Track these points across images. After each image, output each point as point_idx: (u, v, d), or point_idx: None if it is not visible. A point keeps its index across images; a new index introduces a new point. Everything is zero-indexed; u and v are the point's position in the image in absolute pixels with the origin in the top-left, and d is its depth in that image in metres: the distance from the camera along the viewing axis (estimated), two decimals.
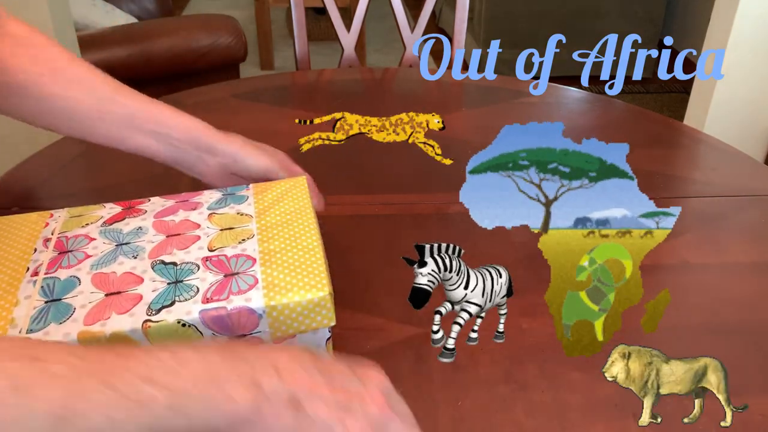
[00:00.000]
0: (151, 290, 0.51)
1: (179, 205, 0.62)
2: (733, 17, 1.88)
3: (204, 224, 0.59)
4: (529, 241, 0.83)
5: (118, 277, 0.53)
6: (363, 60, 3.40)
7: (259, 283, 0.52)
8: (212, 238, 0.57)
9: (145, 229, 0.58)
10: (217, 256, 0.55)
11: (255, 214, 0.61)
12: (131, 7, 2.52)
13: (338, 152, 1.01)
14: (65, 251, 0.56)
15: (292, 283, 0.52)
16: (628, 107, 1.18)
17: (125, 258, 0.55)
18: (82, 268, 0.54)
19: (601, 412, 0.59)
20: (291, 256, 0.55)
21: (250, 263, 0.54)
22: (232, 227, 0.58)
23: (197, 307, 0.49)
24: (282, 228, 0.58)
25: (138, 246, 0.56)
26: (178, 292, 0.51)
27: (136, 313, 0.49)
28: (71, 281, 0.52)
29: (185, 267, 0.53)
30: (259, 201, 0.63)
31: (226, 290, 0.51)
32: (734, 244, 0.82)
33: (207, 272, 0.53)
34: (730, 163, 1.00)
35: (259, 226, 0.59)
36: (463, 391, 0.60)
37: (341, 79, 1.30)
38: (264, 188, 0.65)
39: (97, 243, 0.57)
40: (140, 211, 0.62)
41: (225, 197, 0.63)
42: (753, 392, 0.61)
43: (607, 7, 3.05)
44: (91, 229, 0.59)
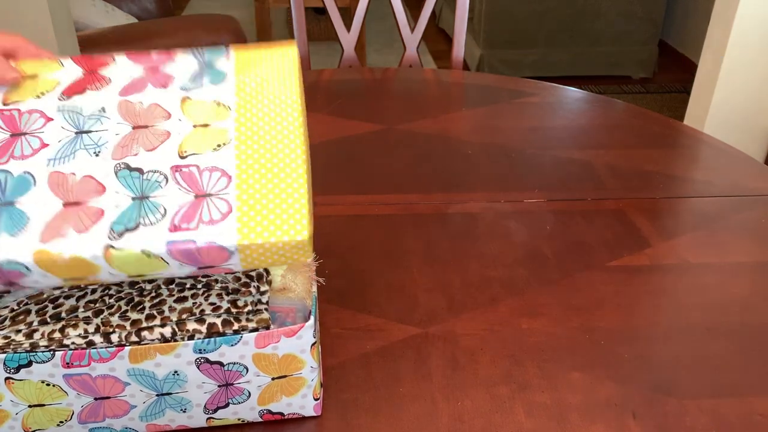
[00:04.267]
0: (114, 205, 0.47)
1: (148, 76, 0.55)
2: (733, 17, 1.88)
3: (175, 114, 0.52)
4: (529, 241, 0.83)
5: (77, 181, 0.48)
6: (363, 60, 3.40)
7: (232, 211, 0.46)
8: (184, 138, 0.51)
9: (109, 112, 0.52)
10: (188, 166, 0.49)
11: (235, 105, 0.53)
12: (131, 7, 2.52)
13: (338, 152, 1.01)
14: (18, 133, 0.51)
15: (269, 219, 0.46)
16: (628, 107, 1.18)
17: (86, 155, 0.49)
18: (38, 161, 0.49)
19: (601, 412, 0.59)
20: (271, 179, 0.48)
21: (225, 182, 0.48)
22: (207, 124, 0.52)
23: (164, 237, 0.45)
24: (264, 134, 0.51)
25: (100, 138, 0.50)
26: (143, 212, 0.46)
27: (97, 234, 0.45)
28: (25, 179, 0.48)
29: (152, 177, 0.48)
30: (241, 83, 0.54)
31: (196, 217, 0.46)
32: (734, 244, 0.82)
33: (176, 188, 0.48)
34: (730, 163, 1.01)
35: (238, 126, 0.51)
36: (463, 391, 0.60)
37: (341, 79, 1.30)
38: (247, 61, 0.56)
39: (54, 125, 0.51)
40: (103, 80, 0.54)
41: (201, 71, 0.55)
42: (753, 392, 0.61)
43: (607, 7, 3.05)
44: (48, 103, 0.52)
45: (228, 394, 0.54)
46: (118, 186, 0.48)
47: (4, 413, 0.52)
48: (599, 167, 0.98)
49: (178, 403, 0.53)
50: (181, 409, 0.54)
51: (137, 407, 0.53)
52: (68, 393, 0.51)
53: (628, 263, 0.78)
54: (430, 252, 0.79)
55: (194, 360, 0.51)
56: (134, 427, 0.55)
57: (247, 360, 0.52)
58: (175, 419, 0.55)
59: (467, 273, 0.75)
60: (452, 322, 0.68)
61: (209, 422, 0.56)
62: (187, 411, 0.54)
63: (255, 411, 0.56)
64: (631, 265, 0.77)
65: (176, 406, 0.54)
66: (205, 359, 0.51)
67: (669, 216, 0.87)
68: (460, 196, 0.89)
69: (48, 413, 0.52)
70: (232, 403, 0.55)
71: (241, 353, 0.51)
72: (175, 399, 0.53)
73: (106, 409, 0.53)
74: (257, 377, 0.53)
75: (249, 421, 0.57)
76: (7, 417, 0.52)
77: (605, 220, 0.85)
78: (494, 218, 0.85)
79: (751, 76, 1.97)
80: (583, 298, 0.72)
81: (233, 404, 0.55)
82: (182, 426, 0.56)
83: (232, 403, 0.55)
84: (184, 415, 0.55)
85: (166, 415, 0.54)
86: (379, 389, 0.61)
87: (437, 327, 0.68)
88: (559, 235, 0.82)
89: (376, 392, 0.60)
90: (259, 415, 0.56)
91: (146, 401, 0.53)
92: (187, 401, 0.54)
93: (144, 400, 0.53)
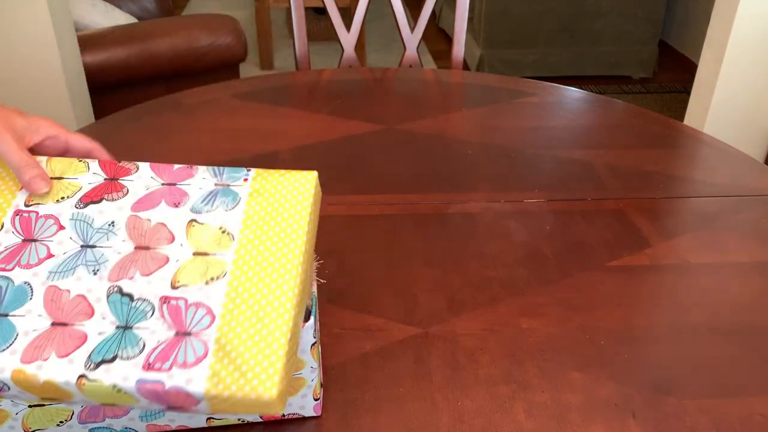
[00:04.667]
0: (97, 332, 0.48)
1: (164, 191, 0.56)
2: (733, 17, 1.88)
3: (179, 238, 0.53)
4: (529, 241, 0.83)
5: (70, 300, 0.50)
6: (363, 60, 3.40)
7: (207, 356, 0.47)
8: (180, 266, 0.51)
9: (117, 227, 0.54)
10: (177, 299, 0.50)
11: (239, 235, 0.53)
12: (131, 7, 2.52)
13: (338, 152, 1.01)
14: (30, 239, 0.53)
15: (242, 371, 0.46)
16: (628, 107, 1.18)
17: (85, 272, 0.51)
18: (39, 272, 0.51)
19: (601, 412, 0.59)
20: (255, 324, 0.48)
21: (208, 321, 0.48)
22: (207, 253, 0.52)
23: (136, 374, 0.46)
24: (261, 270, 0.51)
25: (102, 255, 0.52)
26: (124, 344, 0.48)
27: (75, 360, 0.47)
28: (23, 290, 0.50)
29: (140, 306, 0.49)
30: (250, 210, 0.55)
31: (171, 358, 0.47)
32: (734, 244, 0.82)
33: (160, 321, 0.48)
34: (730, 163, 1.01)
35: (237, 257, 0.52)
36: (463, 391, 0.60)
37: (341, 79, 1.30)
38: (263, 184, 0.57)
39: (64, 235, 0.53)
40: (121, 189, 0.56)
41: (216, 190, 0.57)
42: (753, 392, 0.61)
43: (607, 7, 3.05)
44: (64, 210, 0.54)
45: None
46: (106, 311, 0.49)
47: (5, 413, 0.52)
48: (599, 167, 0.98)
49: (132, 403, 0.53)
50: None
51: (137, 407, 0.53)
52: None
53: (628, 263, 0.78)
54: (430, 252, 0.79)
55: None
56: (134, 427, 0.55)
57: None
58: (175, 419, 0.55)
59: (467, 273, 0.75)
60: (452, 322, 0.68)
61: (209, 422, 0.56)
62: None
63: None
64: (631, 265, 0.77)
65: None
66: None
67: (669, 216, 0.87)
68: (460, 196, 0.89)
69: (48, 413, 0.52)
70: None
71: None
72: None
73: (106, 409, 0.53)
74: None
75: (249, 421, 0.57)
76: (7, 417, 0.52)
77: (605, 220, 0.85)
78: (494, 218, 0.85)
79: (751, 76, 1.97)
80: (583, 298, 0.72)
81: None
82: (182, 426, 0.56)
83: None
84: (184, 415, 0.55)
85: (166, 415, 0.54)
86: (379, 389, 0.61)
87: (437, 327, 0.68)
88: (559, 235, 0.82)
89: (376, 392, 0.60)
90: (259, 415, 0.56)
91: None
92: None
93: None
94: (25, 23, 1.62)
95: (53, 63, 1.67)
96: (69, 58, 1.73)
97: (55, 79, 1.70)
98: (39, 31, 1.63)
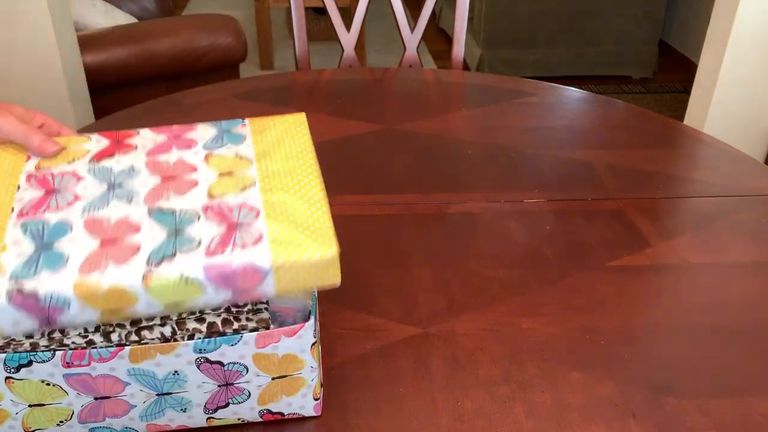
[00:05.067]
0: (150, 239, 0.48)
1: (172, 141, 0.58)
2: (733, 17, 1.88)
3: (201, 167, 0.55)
4: (529, 241, 0.83)
5: (112, 224, 0.49)
6: (363, 60, 3.40)
7: (264, 237, 0.48)
8: (211, 184, 0.53)
9: (138, 170, 0.54)
10: (218, 204, 0.51)
11: (254, 157, 0.57)
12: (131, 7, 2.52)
13: (338, 152, 1.01)
14: (52, 190, 0.52)
15: (299, 239, 0.48)
16: (628, 107, 1.18)
17: (119, 202, 0.51)
18: (73, 210, 0.50)
19: (601, 412, 0.59)
20: (296, 209, 0.51)
21: (254, 215, 0.50)
22: (232, 172, 0.55)
23: (201, 261, 0.46)
24: (284, 177, 0.55)
25: (132, 189, 0.52)
26: (179, 243, 0.48)
27: (135, 263, 0.46)
28: (62, 226, 0.49)
29: (185, 215, 0.50)
30: (258, 142, 0.59)
31: (230, 243, 0.48)
32: (734, 244, 0.82)
33: (209, 222, 0.49)
34: (730, 163, 1.01)
35: (260, 172, 0.55)
36: (463, 391, 0.60)
37: (341, 79, 1.30)
38: (262, 126, 0.61)
39: (87, 183, 0.53)
40: (130, 147, 0.57)
41: (221, 134, 0.60)
42: (753, 392, 0.61)
43: (607, 7, 3.05)
44: (79, 166, 0.54)
45: (228, 393, 0.54)
46: (152, 224, 0.50)
47: (4, 413, 0.52)
48: (599, 167, 0.98)
49: (178, 402, 0.53)
50: (181, 408, 0.54)
51: (137, 407, 0.53)
52: (68, 393, 0.51)
53: (628, 263, 0.78)
54: (430, 252, 0.79)
55: (194, 360, 0.51)
56: (134, 426, 0.55)
57: (247, 360, 0.52)
58: (175, 419, 0.55)
59: (467, 273, 0.75)
60: (452, 322, 0.68)
61: (209, 422, 0.56)
62: (187, 411, 0.54)
63: (255, 411, 0.56)
64: (631, 265, 0.77)
65: (176, 406, 0.54)
66: (205, 359, 0.51)
67: (669, 216, 0.87)
68: (460, 196, 0.89)
69: (48, 413, 0.52)
70: (232, 402, 0.55)
71: (241, 353, 0.51)
72: (175, 399, 0.53)
73: (106, 409, 0.53)
74: (257, 377, 0.53)
75: (249, 421, 0.57)
76: (7, 417, 0.52)
77: (605, 220, 0.85)
78: (494, 218, 0.85)
79: (751, 76, 1.97)
80: (583, 298, 0.72)
81: (233, 404, 0.55)
82: (182, 426, 0.56)
83: (232, 403, 0.55)
84: (184, 415, 0.55)
85: (166, 414, 0.54)
86: (379, 389, 0.61)
87: (437, 327, 0.68)
88: (559, 235, 0.82)
89: (376, 392, 0.60)
90: (259, 414, 0.56)
91: (146, 401, 0.53)
92: (187, 401, 0.54)
93: (144, 399, 0.53)
94: (25, 23, 1.62)
95: (53, 63, 1.67)
96: (69, 58, 1.73)
97: (55, 79, 1.70)
98: (39, 31, 1.63)
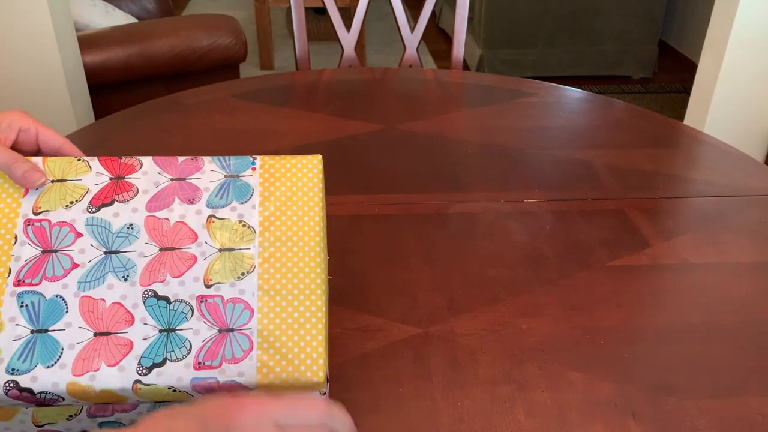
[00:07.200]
0: (141, 337, 0.49)
1: (175, 187, 0.56)
2: (733, 17, 1.88)
3: (201, 236, 0.54)
4: (529, 241, 0.83)
5: (107, 309, 0.50)
6: (363, 60, 3.40)
7: (253, 349, 0.49)
8: (209, 264, 0.53)
9: (137, 230, 0.54)
10: (213, 297, 0.51)
11: (258, 224, 0.55)
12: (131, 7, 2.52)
13: (338, 152, 1.01)
14: (49, 250, 0.53)
15: (288, 358, 0.49)
16: (628, 107, 1.18)
17: (115, 279, 0.52)
18: (68, 283, 0.51)
19: (601, 412, 0.59)
20: (291, 313, 0.51)
21: (248, 315, 0.51)
22: (233, 249, 0.54)
23: (189, 374, 0.48)
24: (286, 253, 0.54)
25: (129, 260, 0.53)
26: (170, 347, 0.49)
27: (126, 367, 0.48)
28: (57, 304, 0.50)
29: (178, 308, 0.51)
30: (266, 201, 0.56)
31: (219, 354, 0.49)
32: (734, 244, 0.82)
33: (201, 321, 0.50)
34: (730, 163, 1.01)
35: (261, 248, 0.54)
36: (463, 391, 0.60)
37: (341, 79, 1.30)
38: (272, 174, 0.58)
39: (84, 243, 0.53)
40: (131, 190, 0.56)
41: (227, 184, 0.57)
42: (753, 392, 0.61)
43: (607, 7, 3.05)
44: (77, 215, 0.54)
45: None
46: (146, 316, 0.50)
47: (15, 407, 0.52)
48: (599, 167, 0.98)
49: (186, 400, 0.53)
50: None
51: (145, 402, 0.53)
52: None
53: (628, 263, 0.78)
54: (430, 252, 0.79)
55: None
56: None
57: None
58: None
59: (467, 273, 0.75)
60: (452, 322, 0.68)
61: None
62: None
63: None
64: (631, 265, 0.77)
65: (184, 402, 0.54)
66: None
67: (669, 216, 0.87)
68: (460, 196, 0.89)
69: (58, 408, 0.52)
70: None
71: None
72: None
73: (114, 405, 0.53)
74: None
75: None
76: (17, 411, 0.52)
77: (605, 220, 0.85)
78: (494, 218, 0.85)
79: (751, 76, 1.97)
80: (583, 298, 0.72)
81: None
82: None
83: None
84: None
85: None
86: (379, 389, 0.61)
87: (437, 327, 0.68)
88: (559, 235, 0.82)
89: (376, 392, 0.60)
90: None
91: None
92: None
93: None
94: (25, 23, 1.62)
95: (53, 63, 1.67)
96: (69, 58, 1.74)
97: (55, 79, 1.70)
98: (39, 31, 1.64)
